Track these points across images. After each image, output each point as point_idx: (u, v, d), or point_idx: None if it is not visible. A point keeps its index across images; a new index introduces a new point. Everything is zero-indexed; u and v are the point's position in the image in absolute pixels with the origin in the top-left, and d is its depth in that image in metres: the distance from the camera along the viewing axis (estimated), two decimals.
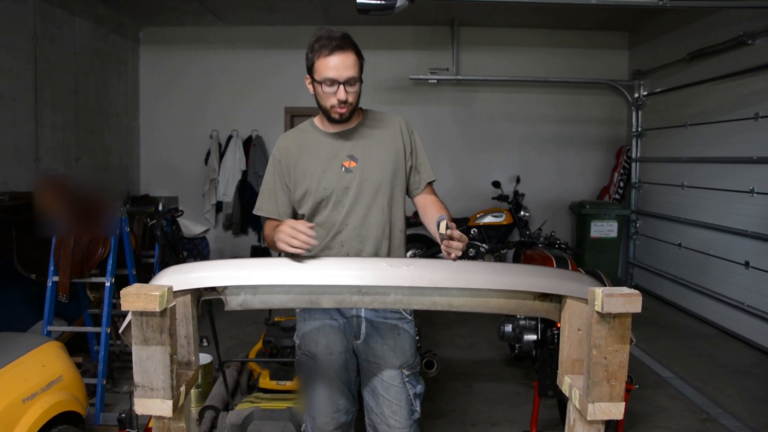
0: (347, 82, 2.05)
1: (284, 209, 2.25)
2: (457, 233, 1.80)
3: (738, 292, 5.44)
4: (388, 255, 2.21)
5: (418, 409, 2.23)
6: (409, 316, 2.26)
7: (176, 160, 7.99)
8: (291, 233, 1.80)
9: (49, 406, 2.45)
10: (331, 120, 2.15)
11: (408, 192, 2.32)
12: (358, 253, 2.16)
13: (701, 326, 5.91)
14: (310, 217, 2.21)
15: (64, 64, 6.12)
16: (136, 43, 7.83)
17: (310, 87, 2.16)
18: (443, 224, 1.78)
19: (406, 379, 2.20)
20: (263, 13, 7.22)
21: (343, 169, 2.16)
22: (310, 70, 2.11)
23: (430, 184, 2.34)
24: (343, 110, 2.10)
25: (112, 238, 3.87)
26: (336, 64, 2.03)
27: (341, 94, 2.05)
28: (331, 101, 2.08)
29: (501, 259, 6.91)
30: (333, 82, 2.05)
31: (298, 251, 1.79)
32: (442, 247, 1.81)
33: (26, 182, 5.29)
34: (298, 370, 2.35)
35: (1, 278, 4.15)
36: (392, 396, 2.18)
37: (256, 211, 2.30)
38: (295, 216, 2.27)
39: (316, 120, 2.28)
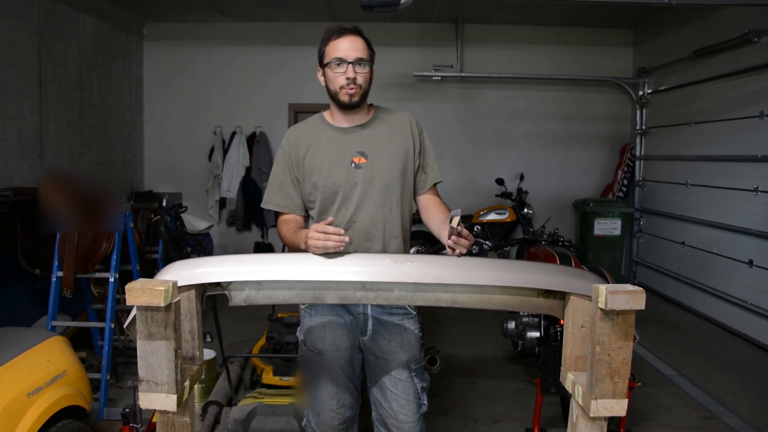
0: (356, 63, 2.06)
1: (296, 202, 2.22)
2: (465, 231, 1.81)
3: (741, 291, 5.43)
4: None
5: (425, 402, 2.24)
6: (413, 312, 2.27)
7: (180, 156, 8.01)
8: (323, 237, 1.77)
9: (54, 401, 2.46)
10: (341, 105, 2.13)
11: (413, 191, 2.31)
12: (366, 252, 2.14)
13: (704, 324, 5.90)
14: (320, 216, 2.18)
15: (69, 60, 6.13)
16: (140, 39, 7.84)
17: (321, 79, 2.16)
18: (456, 219, 1.78)
19: (413, 374, 2.21)
20: (267, 9, 7.22)
21: (353, 165, 2.14)
22: (321, 59, 2.13)
23: (434, 185, 2.33)
24: (353, 91, 2.08)
25: (116, 233, 3.88)
26: (345, 46, 2.07)
27: (350, 72, 2.06)
28: (339, 81, 2.08)
29: (504, 256, 6.90)
30: (341, 61, 2.06)
31: (336, 251, 1.78)
32: (449, 242, 1.80)
33: (30, 178, 5.31)
34: (302, 366, 2.33)
35: (6, 273, 4.17)
36: (401, 390, 2.18)
37: (264, 205, 2.26)
38: (305, 211, 2.26)
39: (326, 114, 2.26)
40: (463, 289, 1.74)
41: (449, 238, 1.80)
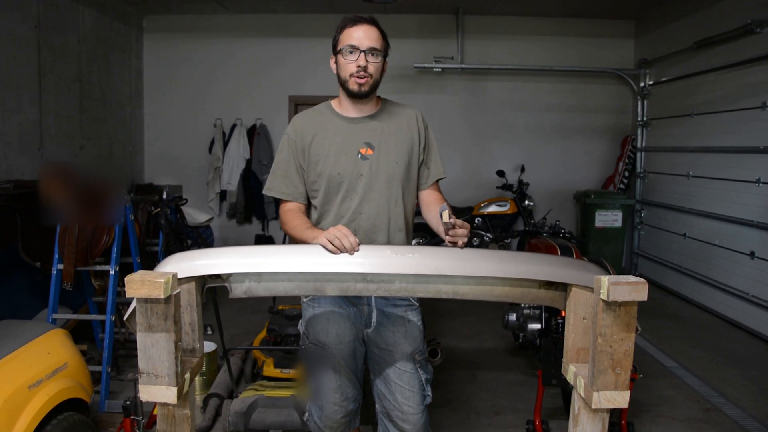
0: (369, 52, 2.06)
1: (299, 190, 2.21)
2: (459, 221, 1.80)
3: (743, 283, 5.43)
4: None
5: (429, 393, 2.24)
6: (416, 303, 2.27)
7: (180, 148, 7.98)
8: (343, 237, 1.76)
9: (55, 393, 2.45)
10: (350, 93, 2.12)
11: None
12: (371, 243, 2.13)
13: (705, 316, 5.90)
14: (323, 205, 2.18)
15: (68, 52, 6.10)
16: (139, 31, 7.81)
17: (333, 66, 2.16)
18: (446, 213, 1.77)
19: (418, 365, 2.21)
20: (267, 0, 7.18)
21: (359, 155, 2.14)
22: (335, 46, 2.13)
23: (437, 181, 2.33)
24: (363, 81, 2.08)
25: (117, 226, 3.87)
26: (359, 34, 2.07)
27: (361, 60, 2.06)
28: (350, 69, 2.08)
29: (505, 248, 6.90)
30: (354, 49, 2.06)
31: (337, 252, 1.76)
32: (447, 237, 1.80)
33: (30, 170, 5.30)
34: (304, 358, 2.32)
35: (6, 266, 4.17)
36: (405, 382, 2.18)
37: (266, 191, 2.25)
38: (308, 200, 2.25)
39: (334, 103, 2.25)
40: (464, 280, 1.74)
41: (446, 234, 1.80)
